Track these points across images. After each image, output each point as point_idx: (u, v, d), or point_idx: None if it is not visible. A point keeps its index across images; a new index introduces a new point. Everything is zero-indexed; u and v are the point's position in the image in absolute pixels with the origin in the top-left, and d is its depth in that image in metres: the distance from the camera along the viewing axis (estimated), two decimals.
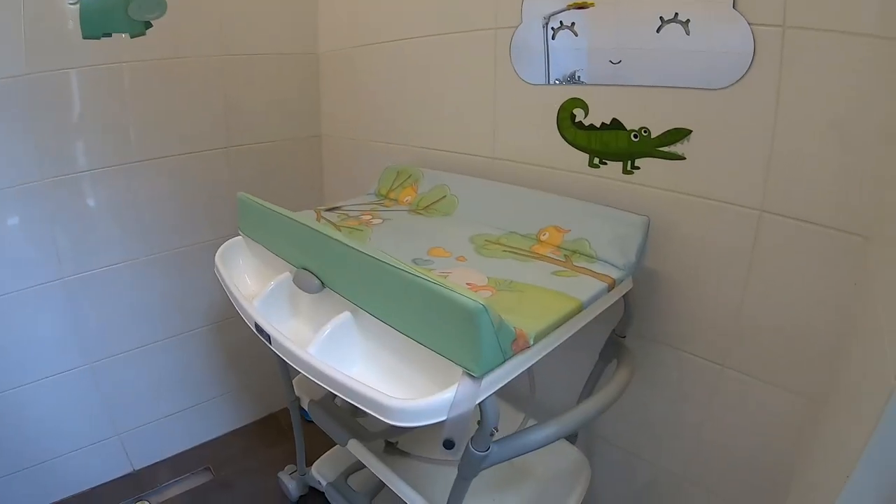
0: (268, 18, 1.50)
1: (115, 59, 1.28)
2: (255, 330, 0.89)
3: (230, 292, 0.99)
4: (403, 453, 1.18)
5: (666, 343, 1.01)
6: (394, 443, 1.19)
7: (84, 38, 1.24)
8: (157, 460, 1.61)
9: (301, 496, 1.47)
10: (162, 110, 1.38)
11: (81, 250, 1.35)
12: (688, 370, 0.99)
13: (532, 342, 0.70)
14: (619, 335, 0.99)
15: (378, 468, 1.08)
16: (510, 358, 0.67)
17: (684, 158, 0.91)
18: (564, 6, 0.98)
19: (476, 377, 0.65)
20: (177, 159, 1.43)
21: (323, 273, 0.86)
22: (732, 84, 0.83)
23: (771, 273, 0.86)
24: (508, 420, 1.19)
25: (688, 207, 0.92)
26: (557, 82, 1.03)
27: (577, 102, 1.01)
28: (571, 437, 1.14)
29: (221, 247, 1.09)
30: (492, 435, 0.71)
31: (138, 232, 1.42)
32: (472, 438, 0.73)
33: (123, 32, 1.28)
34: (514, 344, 0.67)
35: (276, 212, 0.94)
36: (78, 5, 1.22)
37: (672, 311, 0.99)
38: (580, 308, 0.79)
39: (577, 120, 1.02)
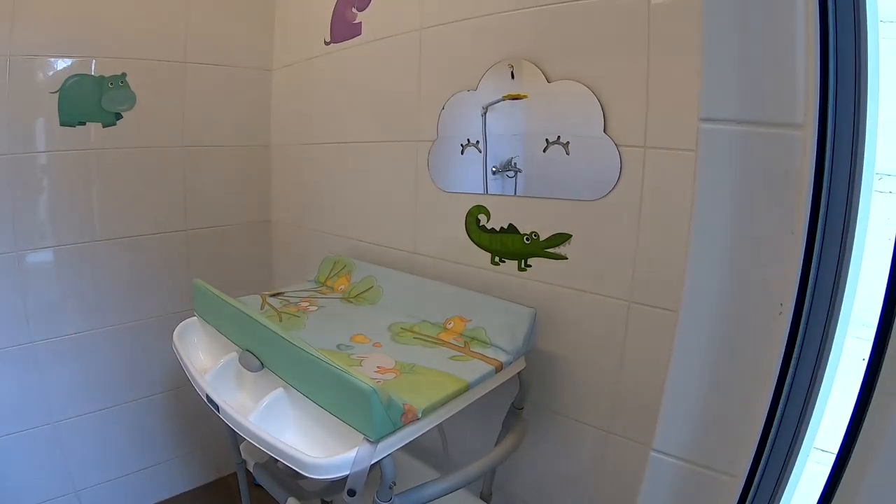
0: (226, 113, 1.73)
1: (87, 146, 1.48)
2: (206, 400, 1.04)
3: (185, 367, 1.14)
4: None
5: (559, 413, 1.18)
6: (329, 502, 1.32)
7: (61, 125, 1.44)
8: None
9: None
10: (127, 193, 1.57)
11: (48, 318, 1.49)
12: (577, 436, 1.16)
13: (420, 415, 0.87)
14: (517, 407, 1.16)
15: None
16: (400, 428, 0.84)
17: (566, 258, 1.11)
18: (500, 97, 1.17)
19: (372, 442, 0.82)
20: (138, 239, 1.61)
21: (262, 354, 1.03)
22: (605, 195, 1.03)
23: (641, 351, 1.04)
24: (423, 477, 1.34)
25: (571, 299, 1.12)
26: (465, 191, 1.25)
27: (481, 209, 1.22)
28: (487, 497, 1.28)
29: (179, 326, 1.25)
30: (391, 488, 0.87)
31: (100, 304, 1.58)
32: (376, 492, 0.89)
33: (97, 122, 1.48)
34: (404, 416, 0.84)
35: (224, 300, 1.12)
36: (57, 95, 1.42)
37: (562, 385, 1.17)
38: (466, 388, 0.97)
39: (481, 224, 1.23)
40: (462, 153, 1.25)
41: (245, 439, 1.43)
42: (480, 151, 1.21)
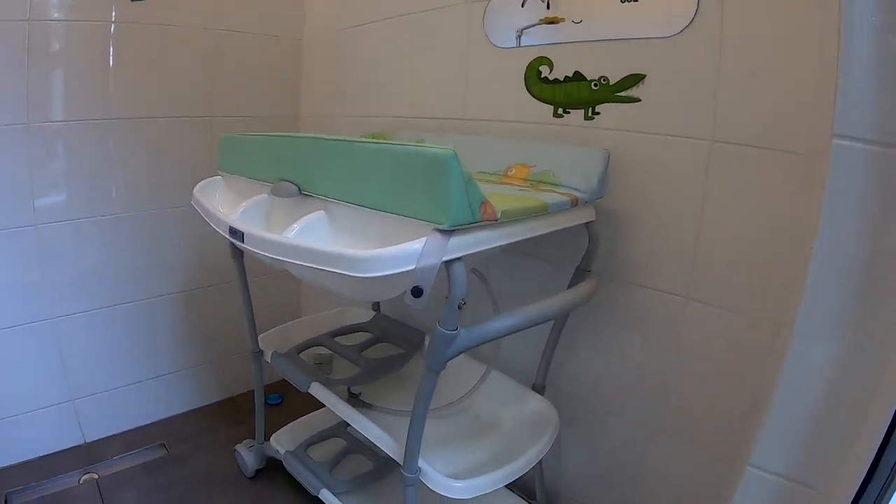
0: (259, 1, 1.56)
1: (109, 19, 1.31)
2: (228, 235, 0.87)
3: (206, 210, 0.98)
4: (366, 405, 1.14)
5: (629, 281, 1.02)
6: (357, 394, 1.15)
7: None
8: (111, 434, 1.51)
9: (259, 470, 1.38)
10: (149, 72, 1.39)
11: (54, 199, 1.32)
12: (652, 305, 1.00)
13: (499, 216, 0.71)
14: (584, 269, 1.00)
15: (341, 409, 1.04)
16: (479, 222, 0.68)
17: (640, 100, 0.97)
18: (536, 21, 1.07)
19: (445, 231, 0.65)
20: (157, 122, 1.43)
21: (300, 177, 0.87)
22: (681, 30, 0.90)
23: (724, 198, 0.89)
24: (472, 371, 1.18)
25: (645, 144, 0.97)
26: (525, 45, 1.10)
27: (543, 60, 1.07)
28: (540, 389, 1.12)
29: (200, 182, 1.09)
30: (460, 308, 0.71)
31: (110, 189, 1.40)
32: (439, 321, 0.73)
33: None
34: (483, 208, 0.68)
35: (259, 134, 0.96)
36: None
37: (634, 248, 1.01)
38: (545, 209, 0.81)
39: (542, 76, 1.08)
40: (523, 5, 1.10)
41: (267, 329, 1.26)
42: (542, 1, 1.07)
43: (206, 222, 0.98)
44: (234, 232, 0.86)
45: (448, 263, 0.68)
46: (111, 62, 1.34)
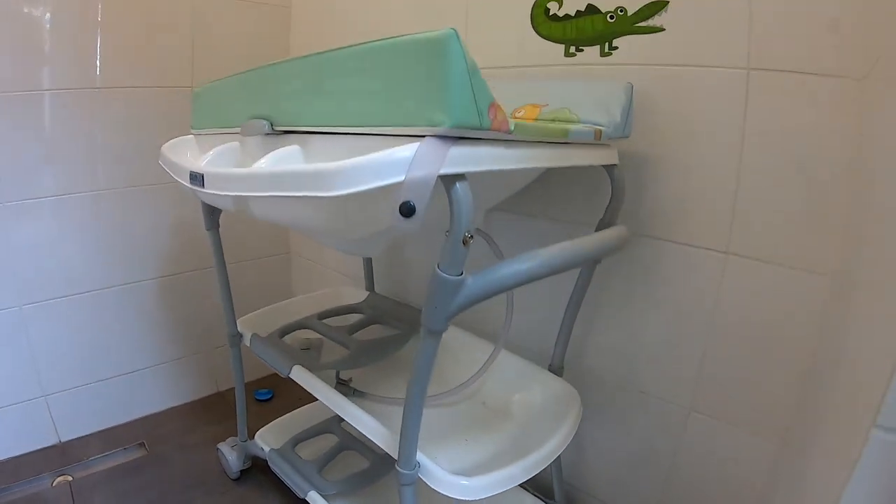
0: None
1: None
2: (189, 183, 0.70)
3: (171, 163, 0.80)
4: (357, 392, 0.95)
5: (658, 236, 0.85)
6: (346, 381, 0.96)
7: None
8: (87, 433, 1.32)
9: (244, 471, 1.18)
10: (127, 37, 1.22)
11: (23, 176, 1.15)
12: (690, 262, 0.82)
13: (512, 128, 0.54)
14: (608, 224, 0.82)
15: (328, 396, 0.85)
16: (487, 130, 0.50)
17: (663, 29, 0.80)
18: None
19: (443, 138, 0.48)
20: (135, 91, 1.25)
21: (271, 111, 0.69)
22: None
23: (767, 134, 0.73)
24: (480, 350, 0.99)
25: (671, 78, 0.80)
26: None
27: None
28: (558, 370, 0.93)
29: (170, 141, 0.92)
30: (465, 243, 0.53)
31: (84, 161, 1.22)
32: (439, 263, 0.54)
33: None
34: (492, 111, 0.50)
35: (232, 75, 0.79)
36: None
37: (662, 198, 0.83)
38: (566, 134, 0.64)
39: (551, 13, 0.91)
40: None
41: (243, 312, 1.09)
42: None
43: (185, 198, 0.81)
44: (194, 177, 0.68)
45: (448, 181, 0.50)
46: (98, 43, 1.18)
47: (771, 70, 0.72)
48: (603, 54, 0.86)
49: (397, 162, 0.47)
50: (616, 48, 0.85)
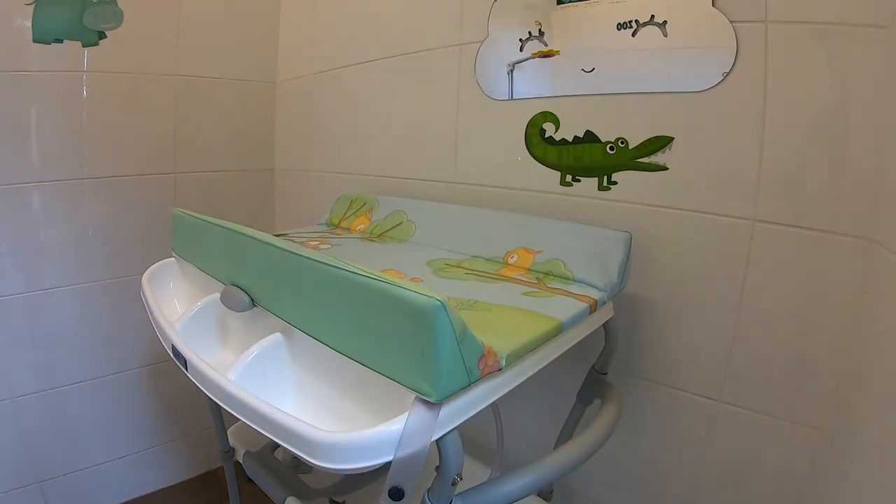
0: (227, 40, 1.34)
1: (63, 67, 1.10)
2: (171, 354, 0.67)
3: (151, 314, 0.77)
4: None
5: (652, 379, 0.82)
6: (340, 503, 0.94)
7: (34, 41, 1.07)
8: None
9: None
10: (107, 125, 1.18)
11: (28, 270, 1.12)
12: (679, 408, 0.79)
13: (504, 363, 0.50)
14: (599, 372, 0.79)
15: None
16: (477, 381, 0.47)
17: (666, 169, 0.76)
18: (529, 55, 0.87)
19: (433, 403, 0.44)
20: (117, 181, 1.22)
21: (253, 287, 0.65)
22: (716, 84, 0.70)
23: (769, 291, 0.69)
24: (473, 476, 0.96)
25: (672, 222, 0.76)
26: (526, 96, 0.89)
27: (548, 116, 0.86)
28: (546, 494, 0.91)
29: (151, 267, 0.88)
30: (454, 485, 0.50)
31: (69, 258, 1.19)
32: (429, 490, 0.51)
33: (76, 40, 1.11)
34: (482, 362, 0.47)
35: (207, 221, 0.74)
36: (33, 6, 1.06)
37: (658, 342, 0.80)
38: (560, 329, 0.60)
39: (547, 135, 0.87)
40: (521, 49, 0.89)
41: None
42: (546, 45, 0.86)
43: None
44: (177, 354, 0.64)
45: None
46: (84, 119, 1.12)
47: (779, 224, 0.68)
48: (601, 188, 0.82)
49: (387, 439, 0.43)
50: (615, 183, 0.80)
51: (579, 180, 0.84)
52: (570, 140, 0.84)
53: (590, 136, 0.82)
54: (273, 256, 0.60)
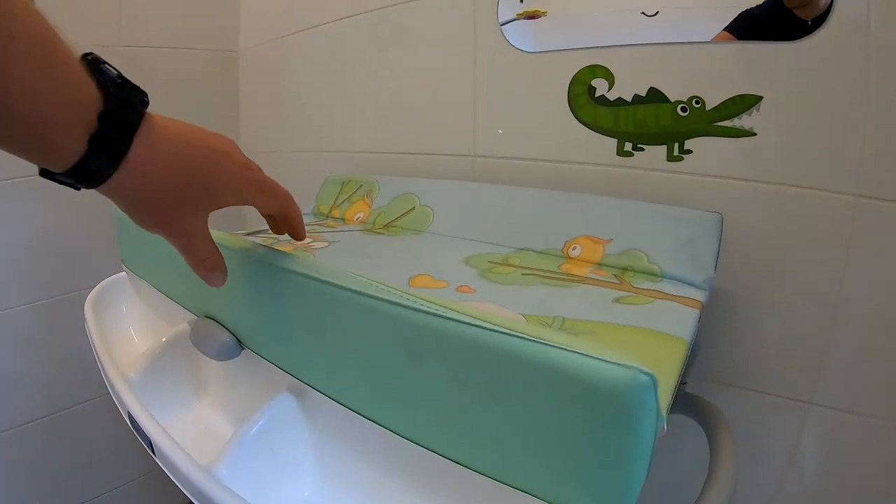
0: (178, 4, 1.08)
1: None
2: (130, 425, 0.46)
3: (99, 360, 0.55)
4: None
5: (737, 385, 0.67)
6: None
7: None
8: None
9: None
10: None
11: None
12: (768, 415, 0.66)
13: (665, 424, 0.33)
14: (680, 382, 0.64)
15: None
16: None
17: (754, 134, 0.60)
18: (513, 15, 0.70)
19: None
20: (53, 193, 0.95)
21: (240, 324, 0.45)
22: (816, 32, 0.55)
23: (876, 277, 0.56)
24: None
25: (760, 199, 0.61)
26: (568, 47, 0.70)
27: (598, 70, 0.68)
28: None
29: (96, 288, 0.65)
30: None
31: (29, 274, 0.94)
32: None
33: None
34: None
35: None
36: None
37: (745, 342, 0.66)
38: (687, 351, 0.43)
39: (597, 94, 0.69)
40: None
41: None
42: None
43: None
44: (137, 429, 0.44)
45: None
46: None
47: (885, 200, 0.54)
48: (671, 158, 0.65)
49: None
50: (689, 152, 0.64)
51: (642, 149, 0.67)
52: (629, 100, 0.66)
53: (655, 95, 0.65)
54: (276, 280, 0.40)
